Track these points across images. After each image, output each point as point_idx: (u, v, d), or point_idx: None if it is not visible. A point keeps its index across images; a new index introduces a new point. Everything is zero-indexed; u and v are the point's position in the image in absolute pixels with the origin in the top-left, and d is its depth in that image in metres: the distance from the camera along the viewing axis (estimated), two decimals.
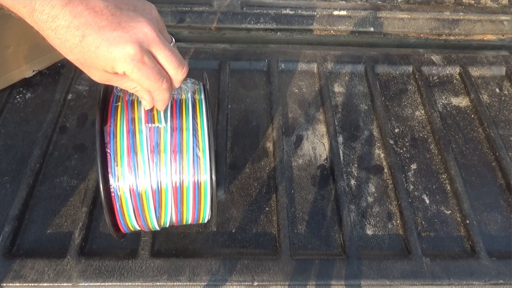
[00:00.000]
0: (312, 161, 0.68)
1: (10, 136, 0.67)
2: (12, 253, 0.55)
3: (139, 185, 0.42)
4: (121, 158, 0.41)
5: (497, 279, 0.56)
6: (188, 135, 0.43)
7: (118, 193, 0.42)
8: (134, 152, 0.41)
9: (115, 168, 0.41)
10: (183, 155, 0.43)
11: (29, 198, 0.60)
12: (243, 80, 0.80)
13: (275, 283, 0.54)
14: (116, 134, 0.42)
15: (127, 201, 0.42)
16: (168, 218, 0.45)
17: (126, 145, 0.41)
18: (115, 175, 0.41)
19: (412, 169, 0.68)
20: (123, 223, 0.44)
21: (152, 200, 0.43)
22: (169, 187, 0.43)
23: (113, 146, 0.42)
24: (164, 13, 0.87)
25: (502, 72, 0.84)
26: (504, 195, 0.66)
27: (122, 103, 0.44)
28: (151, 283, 0.53)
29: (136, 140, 0.42)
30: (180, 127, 0.43)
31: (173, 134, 0.43)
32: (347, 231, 0.59)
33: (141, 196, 0.42)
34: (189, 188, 0.43)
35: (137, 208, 0.43)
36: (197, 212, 0.46)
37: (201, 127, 0.44)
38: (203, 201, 0.45)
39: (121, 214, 0.43)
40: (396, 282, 0.55)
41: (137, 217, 0.44)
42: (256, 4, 0.89)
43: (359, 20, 0.89)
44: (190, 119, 0.44)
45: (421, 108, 0.77)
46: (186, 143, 0.43)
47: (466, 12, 0.91)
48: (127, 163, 0.41)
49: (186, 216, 0.46)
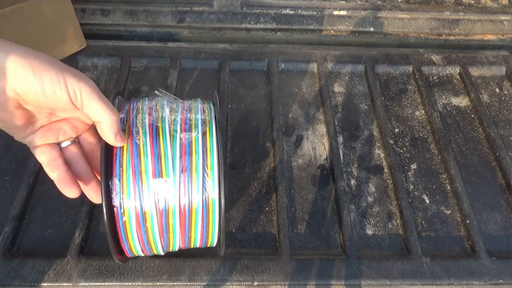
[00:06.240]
0: (312, 161, 0.68)
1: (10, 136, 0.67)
2: (12, 253, 0.55)
3: (144, 207, 0.40)
4: (129, 212, 0.40)
5: (497, 279, 0.56)
6: (198, 184, 0.41)
7: (122, 218, 0.40)
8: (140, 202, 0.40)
9: (123, 219, 0.40)
10: (192, 177, 0.41)
11: (29, 198, 0.60)
12: (243, 80, 0.80)
13: (275, 283, 0.54)
14: (123, 188, 0.40)
15: (131, 225, 0.41)
16: (177, 242, 0.44)
17: (133, 198, 0.40)
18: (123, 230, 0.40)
19: (412, 169, 0.68)
20: (127, 248, 0.43)
21: (157, 225, 0.41)
22: (176, 210, 0.41)
23: (119, 198, 0.40)
24: (164, 13, 0.87)
25: (502, 72, 0.84)
26: (504, 195, 0.66)
27: (127, 144, 0.41)
28: (151, 283, 0.53)
29: (143, 194, 0.40)
30: (190, 180, 0.41)
31: (181, 186, 0.41)
32: (347, 231, 0.59)
33: (146, 219, 0.41)
34: (198, 210, 0.42)
35: (141, 234, 0.41)
36: (205, 235, 0.44)
37: (211, 175, 0.42)
38: (211, 223, 0.43)
39: (125, 240, 0.42)
40: (396, 282, 0.55)
41: (142, 243, 0.42)
42: (256, 4, 0.89)
43: (359, 20, 0.89)
44: (200, 167, 0.41)
45: (421, 108, 0.77)
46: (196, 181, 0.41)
47: (466, 12, 0.91)
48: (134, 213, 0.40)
49: (194, 239, 0.45)
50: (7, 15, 0.65)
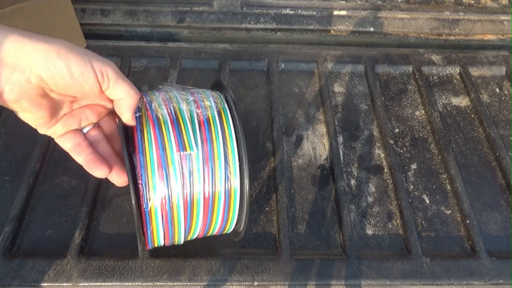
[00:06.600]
0: (312, 161, 0.68)
1: (10, 136, 0.67)
2: (12, 253, 0.55)
3: (172, 197, 0.40)
4: (154, 187, 0.40)
5: (497, 279, 0.56)
6: (220, 160, 0.41)
7: (148, 210, 0.40)
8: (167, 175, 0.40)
9: (148, 197, 0.40)
10: (215, 165, 0.41)
11: (29, 198, 0.60)
12: (243, 80, 0.80)
13: (275, 283, 0.54)
14: (147, 165, 0.39)
15: (157, 217, 0.41)
16: (197, 230, 0.44)
17: (159, 176, 0.40)
18: (147, 202, 0.40)
19: (412, 169, 0.68)
20: (149, 240, 0.43)
21: (183, 213, 0.41)
22: (201, 198, 0.41)
23: (145, 177, 0.39)
24: (164, 13, 0.87)
25: (502, 72, 0.84)
26: (504, 195, 0.66)
27: (147, 121, 0.41)
28: (151, 283, 0.53)
29: (170, 170, 0.40)
30: (212, 154, 0.41)
31: (205, 162, 0.41)
32: (347, 231, 0.59)
33: (173, 209, 0.41)
34: (220, 197, 0.42)
35: (167, 223, 0.41)
36: (225, 221, 0.45)
37: (232, 153, 0.42)
38: (232, 209, 0.44)
39: (150, 231, 0.42)
40: (396, 282, 0.55)
41: (166, 233, 0.43)
42: (256, 4, 0.89)
43: (359, 20, 0.89)
44: (221, 143, 0.42)
45: (421, 108, 0.77)
46: (219, 167, 0.41)
47: (466, 12, 0.91)
48: (159, 186, 0.40)
49: (214, 227, 0.45)
50: (7, 15, 0.65)
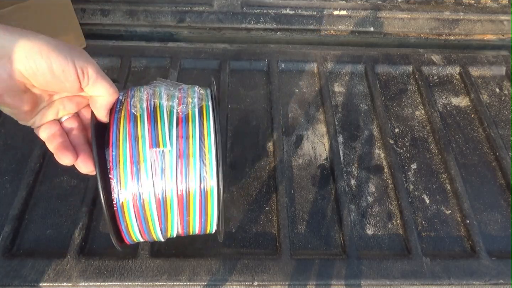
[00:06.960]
0: (312, 161, 0.68)
1: (10, 136, 0.67)
2: (12, 253, 0.55)
3: (143, 194, 0.40)
4: (125, 182, 0.40)
5: (497, 279, 0.56)
6: (194, 158, 0.41)
7: (120, 204, 0.40)
8: (137, 173, 0.40)
9: (119, 190, 0.40)
10: (189, 163, 0.41)
11: (29, 198, 0.60)
12: (243, 80, 0.80)
13: (275, 283, 0.54)
14: (119, 160, 0.40)
15: (130, 212, 0.41)
16: (175, 228, 0.44)
17: (130, 172, 0.40)
18: (118, 196, 0.40)
19: (412, 169, 0.68)
20: (126, 234, 0.43)
21: (156, 210, 0.41)
22: (174, 196, 0.41)
23: (116, 173, 0.40)
24: (164, 13, 0.87)
25: (502, 72, 0.84)
26: (504, 195, 0.66)
27: (124, 116, 0.42)
28: (151, 283, 0.53)
29: (141, 167, 0.40)
30: (187, 151, 0.41)
31: (178, 160, 0.41)
32: (347, 231, 0.59)
33: (144, 206, 0.41)
34: (195, 196, 0.42)
35: (141, 220, 0.42)
36: (204, 221, 0.45)
37: (208, 151, 0.42)
38: (210, 209, 0.43)
39: (124, 226, 0.42)
40: (396, 282, 0.55)
41: (141, 230, 0.43)
42: (256, 4, 0.89)
43: (359, 20, 0.89)
44: (197, 140, 0.42)
45: (421, 108, 0.77)
46: (193, 163, 0.41)
47: (466, 12, 0.91)
48: (130, 179, 0.40)
49: (193, 226, 0.45)
50: (7, 15, 0.65)
